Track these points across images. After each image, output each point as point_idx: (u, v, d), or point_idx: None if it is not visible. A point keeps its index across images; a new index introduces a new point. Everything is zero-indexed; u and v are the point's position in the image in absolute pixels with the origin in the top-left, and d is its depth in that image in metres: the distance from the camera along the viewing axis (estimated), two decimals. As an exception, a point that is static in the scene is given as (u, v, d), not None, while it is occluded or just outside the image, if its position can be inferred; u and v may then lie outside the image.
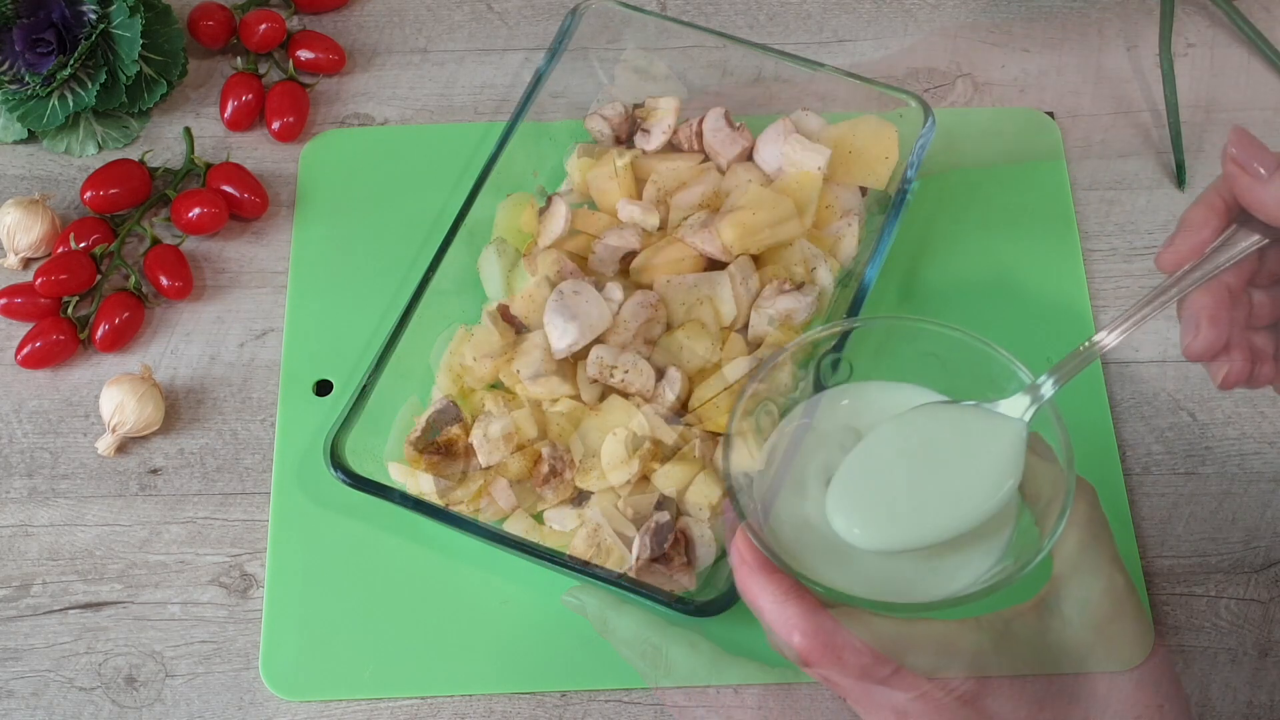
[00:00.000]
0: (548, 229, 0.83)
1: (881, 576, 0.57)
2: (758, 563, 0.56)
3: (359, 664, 0.74)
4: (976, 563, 0.57)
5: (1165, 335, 0.83)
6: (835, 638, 0.53)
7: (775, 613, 0.55)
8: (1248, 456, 0.80)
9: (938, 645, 0.53)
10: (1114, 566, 0.57)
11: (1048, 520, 0.56)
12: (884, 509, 0.58)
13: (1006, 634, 0.54)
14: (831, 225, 0.82)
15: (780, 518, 0.59)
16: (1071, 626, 0.55)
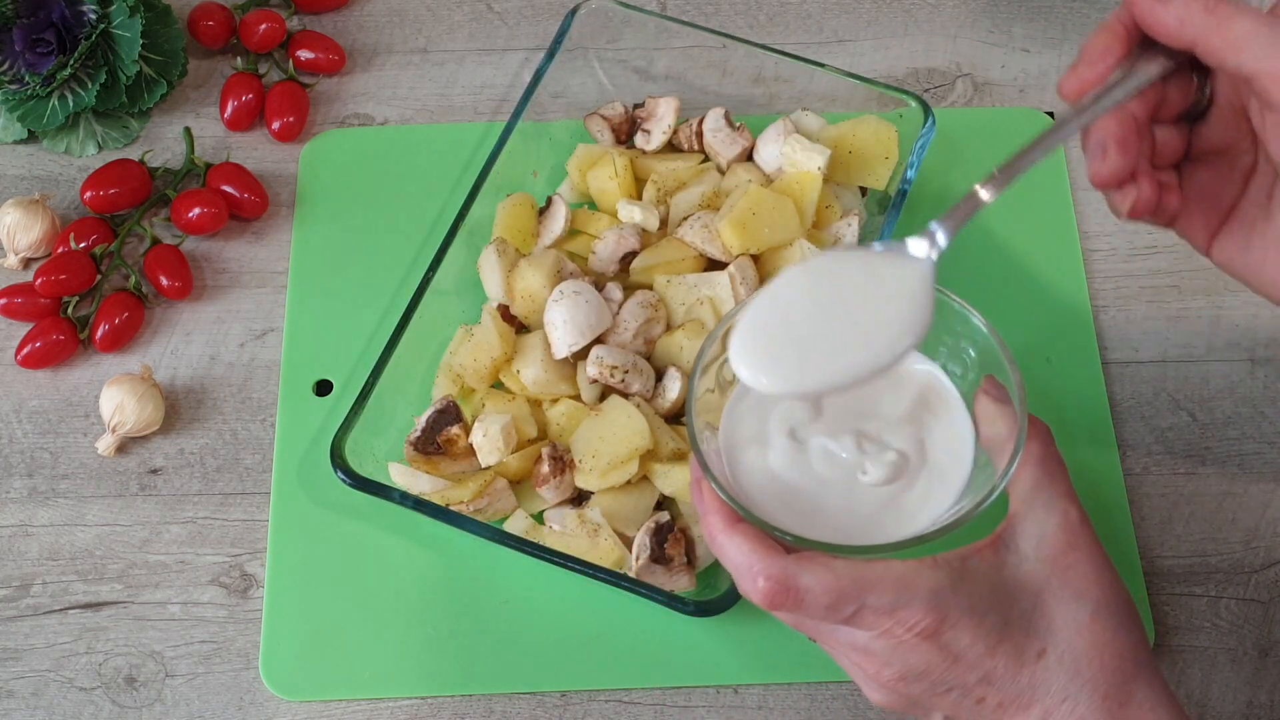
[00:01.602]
0: (548, 229, 0.83)
1: (843, 522, 0.58)
2: (723, 513, 0.57)
3: (359, 664, 0.74)
4: (934, 504, 0.58)
5: (1165, 335, 0.83)
6: (797, 580, 0.54)
7: (740, 560, 0.56)
8: (1248, 456, 0.80)
9: (896, 584, 0.54)
10: (1068, 501, 0.58)
11: (1002, 460, 0.57)
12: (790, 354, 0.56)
13: (964, 571, 0.55)
14: (831, 225, 0.82)
15: (745, 469, 0.60)
16: (1028, 561, 0.56)
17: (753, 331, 0.57)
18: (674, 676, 0.74)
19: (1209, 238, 0.60)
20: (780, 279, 0.58)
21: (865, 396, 0.61)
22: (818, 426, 0.60)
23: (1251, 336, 0.83)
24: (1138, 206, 0.57)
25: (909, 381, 0.61)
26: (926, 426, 0.60)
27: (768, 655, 0.74)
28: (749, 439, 0.60)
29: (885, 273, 0.58)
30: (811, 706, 0.73)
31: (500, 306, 0.80)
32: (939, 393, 0.61)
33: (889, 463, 0.59)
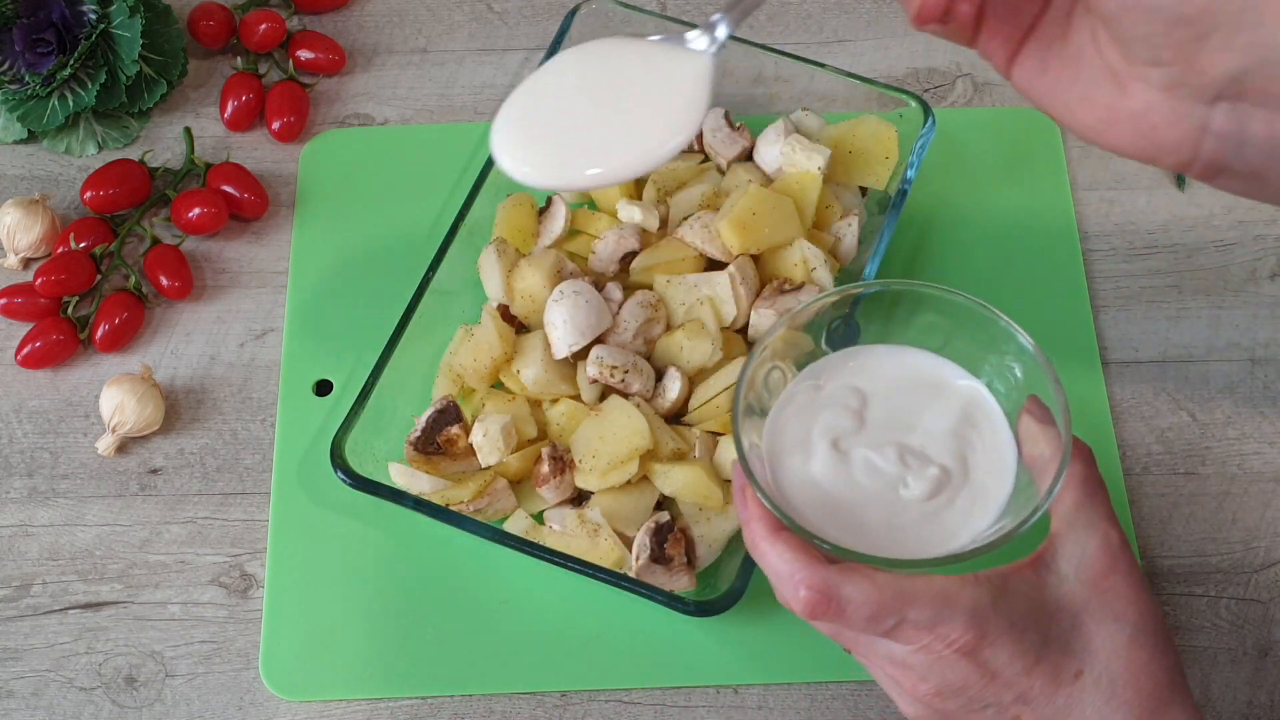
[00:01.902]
0: (548, 229, 0.83)
1: (884, 535, 0.58)
2: (766, 521, 0.57)
3: (359, 664, 0.74)
4: (975, 521, 0.58)
5: (1165, 336, 0.83)
6: (839, 591, 0.54)
7: (782, 568, 0.56)
8: (1248, 456, 0.80)
9: (938, 599, 0.54)
10: (1109, 523, 0.58)
11: (1044, 479, 0.57)
12: (554, 143, 0.53)
13: (1005, 589, 0.55)
14: (831, 225, 0.82)
15: (787, 477, 0.60)
16: (1067, 582, 0.56)
17: (517, 118, 0.53)
18: (674, 676, 0.74)
19: (1009, 58, 0.56)
20: (551, 64, 0.54)
21: (909, 409, 0.61)
22: (861, 437, 0.60)
23: (1251, 336, 0.83)
24: (924, 11, 0.53)
25: (953, 396, 0.61)
26: (969, 443, 0.60)
27: (768, 655, 0.74)
28: (792, 446, 0.60)
29: (662, 65, 0.55)
30: (811, 706, 0.73)
31: (500, 306, 0.80)
32: (983, 409, 0.61)
33: (931, 478, 0.58)
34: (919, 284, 0.62)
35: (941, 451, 0.60)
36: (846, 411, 0.61)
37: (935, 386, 0.62)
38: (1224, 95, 0.50)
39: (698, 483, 0.73)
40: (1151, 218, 0.88)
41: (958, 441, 0.60)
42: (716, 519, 0.74)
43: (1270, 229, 0.87)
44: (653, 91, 0.54)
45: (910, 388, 0.62)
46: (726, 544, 0.74)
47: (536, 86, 0.54)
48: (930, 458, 0.59)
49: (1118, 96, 0.52)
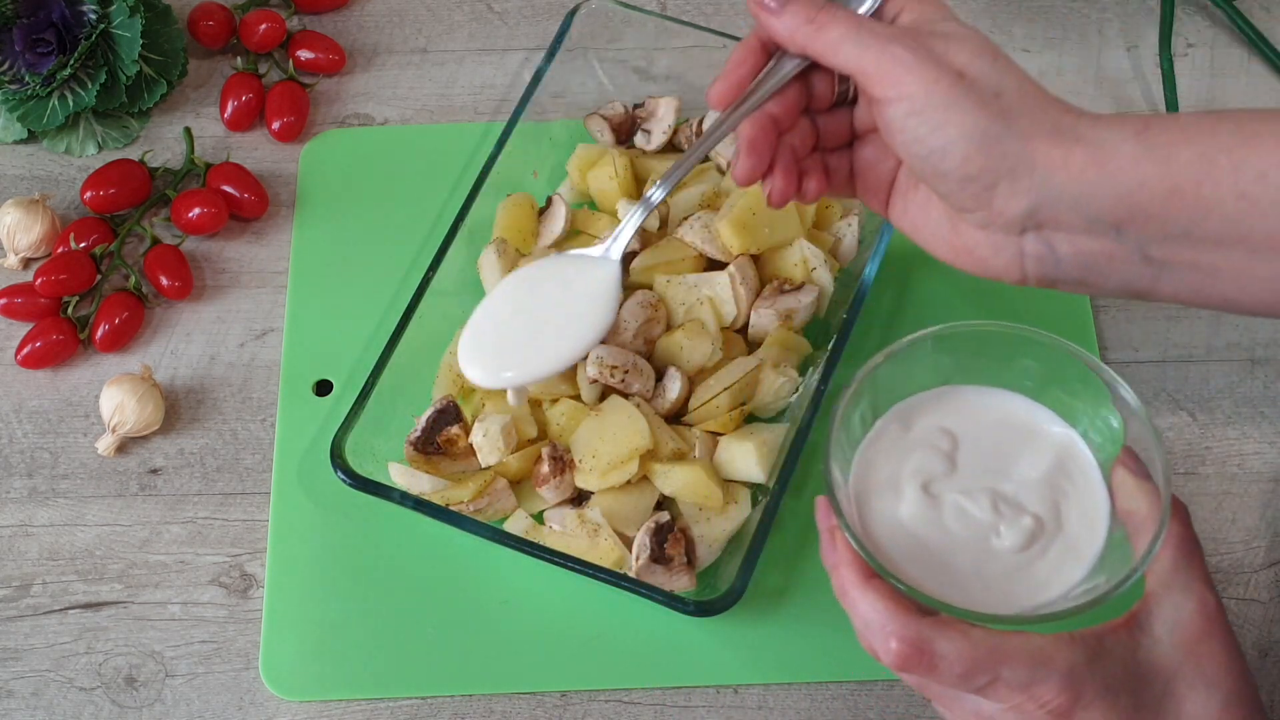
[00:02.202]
0: (548, 229, 0.83)
1: (972, 584, 0.57)
2: (857, 566, 0.57)
3: (359, 664, 0.74)
4: (1066, 575, 0.57)
5: (1165, 335, 0.83)
6: (932, 646, 0.54)
7: (874, 618, 0.55)
8: (1248, 456, 0.80)
9: (1033, 659, 0.54)
10: (1205, 586, 0.57)
11: (1141, 537, 0.56)
12: (505, 353, 0.68)
13: (1100, 651, 0.55)
14: (831, 225, 0.82)
15: (875, 519, 0.59)
16: (1161, 645, 0.56)
17: (475, 338, 0.68)
18: (674, 676, 0.74)
19: (883, 204, 0.66)
20: (496, 290, 0.69)
21: (1002, 454, 0.60)
22: (952, 482, 0.59)
23: (1251, 336, 0.83)
24: (773, 197, 0.64)
25: (1047, 443, 0.61)
26: (1063, 492, 0.59)
27: (768, 655, 0.74)
28: (880, 487, 0.60)
29: (579, 276, 0.69)
30: (811, 706, 0.73)
31: (500, 306, 0.80)
32: (1076, 458, 0.60)
33: (1025, 528, 0.58)
34: (1019, 327, 0.61)
35: (1035, 500, 0.59)
36: (937, 453, 0.60)
37: (1028, 432, 0.61)
38: (1026, 227, 0.59)
39: (698, 483, 0.73)
40: (1151, 218, 0.87)
41: (1051, 490, 0.59)
42: (716, 519, 0.74)
43: (1270, 229, 0.87)
44: (573, 299, 0.68)
45: (1003, 431, 0.61)
46: (726, 544, 0.74)
47: (485, 311, 0.69)
48: (1024, 506, 0.58)
49: (954, 235, 0.62)
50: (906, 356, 0.61)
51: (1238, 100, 0.92)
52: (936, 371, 0.62)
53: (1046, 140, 0.57)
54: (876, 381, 0.61)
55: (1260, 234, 0.55)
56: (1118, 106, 0.91)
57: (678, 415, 0.77)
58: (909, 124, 0.58)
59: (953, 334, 0.61)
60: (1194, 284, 0.58)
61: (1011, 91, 0.58)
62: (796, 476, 0.75)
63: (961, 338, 0.62)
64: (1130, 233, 0.57)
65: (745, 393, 0.76)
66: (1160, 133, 0.56)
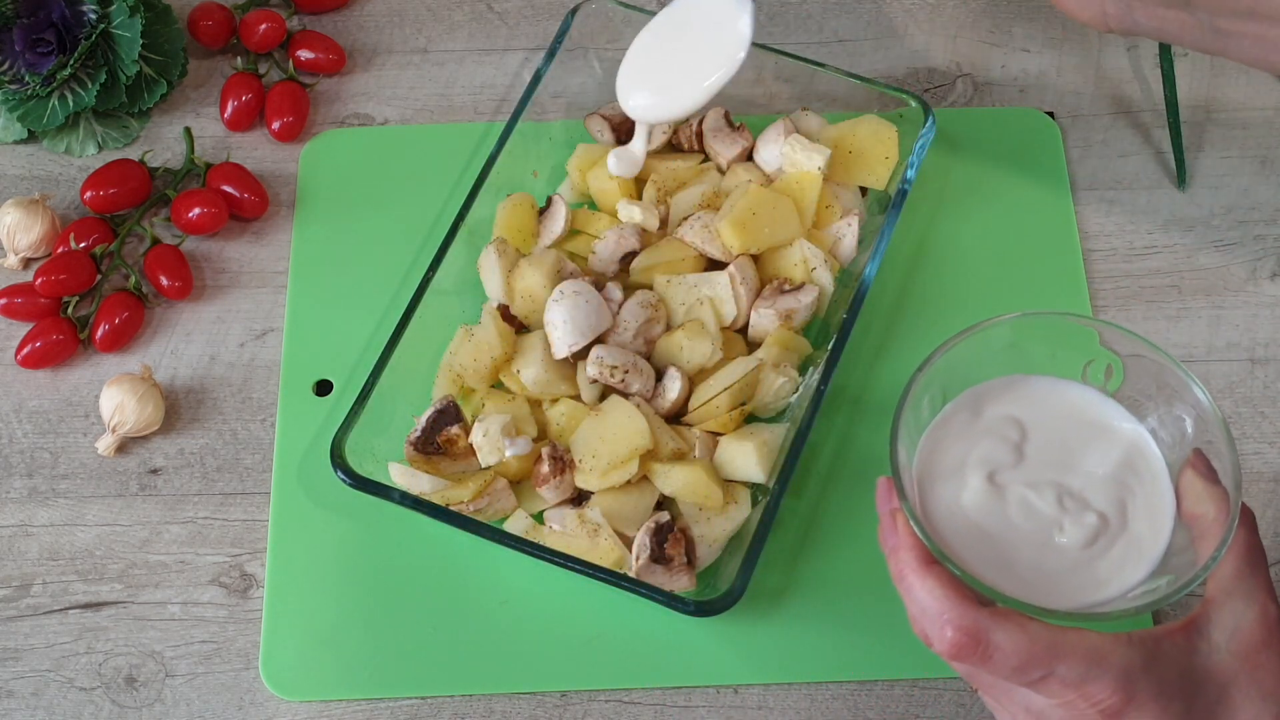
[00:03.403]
0: (548, 229, 0.83)
1: (1032, 577, 0.57)
2: (917, 551, 0.56)
3: (359, 664, 0.74)
4: (1127, 574, 0.57)
5: (1165, 336, 0.83)
6: (989, 636, 0.53)
7: (931, 604, 0.55)
8: (1248, 456, 0.80)
9: (1089, 656, 0.53)
10: (1268, 595, 0.56)
11: (1205, 541, 0.56)
12: (657, 83, 0.77)
13: (1156, 652, 0.54)
14: (831, 225, 0.82)
15: (937, 505, 0.59)
16: (1219, 652, 0.55)
17: (633, 70, 0.77)
18: (674, 676, 0.74)
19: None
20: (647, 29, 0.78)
21: (1070, 448, 0.60)
22: (1019, 473, 0.59)
23: (1251, 336, 0.83)
24: None
25: (1115, 439, 0.60)
26: (1130, 490, 0.59)
27: (768, 655, 0.74)
28: (945, 473, 0.59)
29: (715, 13, 0.76)
30: (811, 706, 0.73)
31: (500, 306, 0.80)
32: (1145, 457, 0.60)
33: (1089, 525, 0.57)
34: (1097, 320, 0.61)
35: (1101, 497, 0.58)
36: (1005, 443, 0.60)
37: (1097, 427, 0.60)
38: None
39: (698, 483, 0.73)
40: (1151, 218, 0.88)
41: (1117, 488, 0.59)
42: (716, 519, 0.74)
43: (1270, 229, 0.87)
44: (707, 37, 0.77)
45: (1072, 425, 0.61)
46: (726, 544, 0.74)
47: (639, 47, 0.78)
48: (1089, 502, 0.58)
49: None
50: (982, 341, 0.61)
51: (1237, 102, 0.92)
52: (1010, 359, 0.61)
53: None
54: (950, 364, 0.60)
55: None
56: (1117, 107, 0.91)
57: (678, 415, 0.77)
58: None
59: (1030, 321, 0.61)
60: (1259, 52, 0.62)
61: None
62: (796, 476, 0.75)
63: (1039, 326, 0.61)
64: (1200, 6, 0.61)
65: (745, 393, 0.76)
66: None
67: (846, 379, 0.81)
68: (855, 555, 0.76)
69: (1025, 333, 0.61)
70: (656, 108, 0.79)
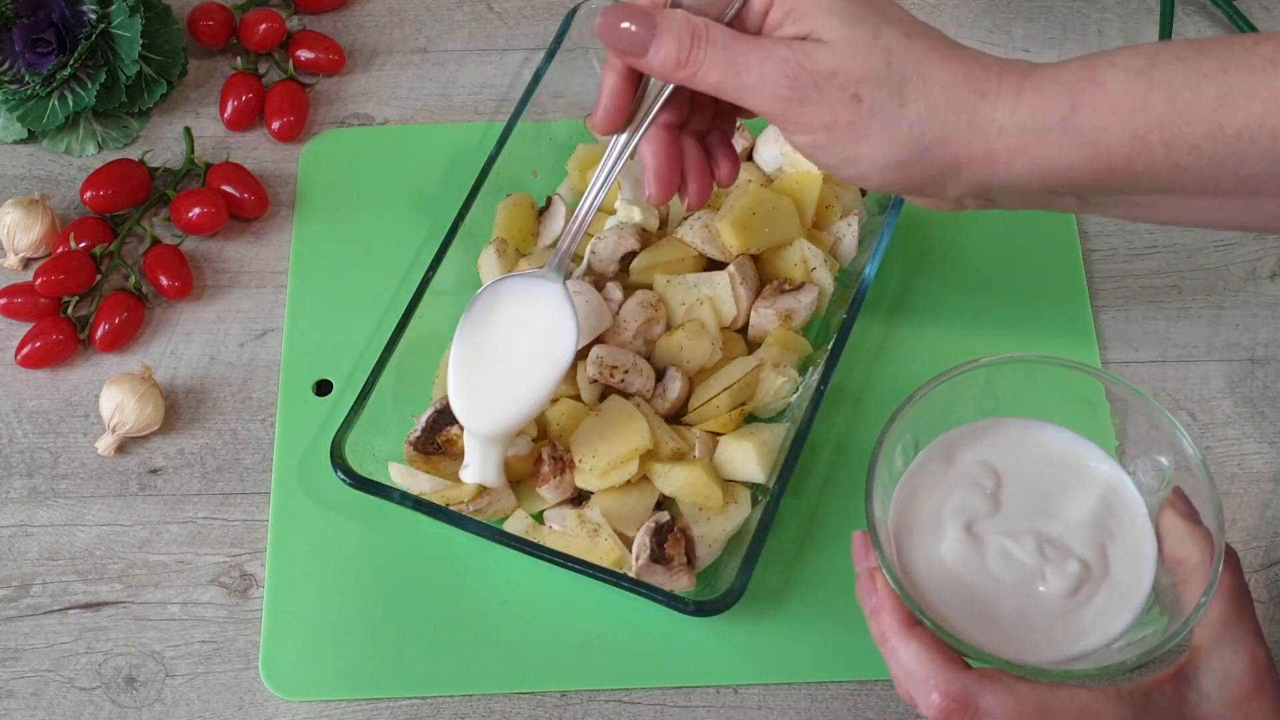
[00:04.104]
0: (548, 229, 0.83)
1: (1015, 630, 0.56)
2: (899, 614, 0.55)
3: (359, 664, 0.74)
4: (1111, 621, 0.57)
5: (1165, 335, 0.83)
6: (977, 700, 0.53)
7: (916, 669, 0.54)
8: (1248, 457, 0.80)
9: (1080, 715, 0.53)
10: (1256, 640, 0.56)
11: (1189, 586, 0.55)
12: (491, 395, 0.66)
13: (1146, 706, 0.54)
14: (831, 225, 0.82)
15: (914, 559, 0.58)
16: (1209, 701, 0.55)
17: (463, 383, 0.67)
18: (674, 676, 0.74)
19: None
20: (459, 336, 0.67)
21: (1047, 493, 0.59)
22: (996, 522, 0.58)
23: (1251, 336, 0.83)
24: (693, 204, 0.65)
25: (1092, 481, 0.59)
26: (1110, 534, 0.58)
27: (768, 655, 0.74)
28: (921, 526, 0.58)
29: (536, 303, 0.67)
30: (811, 706, 0.73)
31: (500, 306, 0.80)
32: (1123, 498, 0.59)
33: (1071, 574, 0.57)
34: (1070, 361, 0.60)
35: (1081, 543, 0.57)
36: (980, 492, 0.59)
37: (1073, 469, 0.59)
38: (963, 203, 0.61)
39: (698, 483, 0.73)
40: (1151, 218, 0.87)
41: (1098, 532, 0.58)
42: (716, 519, 0.74)
43: (1270, 229, 0.87)
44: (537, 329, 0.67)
45: (1047, 469, 0.60)
46: (726, 544, 0.74)
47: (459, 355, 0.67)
48: (1070, 550, 0.57)
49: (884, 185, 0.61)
50: (953, 388, 0.59)
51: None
52: (983, 403, 0.60)
53: (965, 144, 0.56)
54: (921, 412, 0.59)
55: (1194, 188, 0.56)
56: (1118, 106, 0.91)
57: (678, 415, 0.77)
58: (817, 156, 0.58)
59: (1003, 366, 0.60)
60: (1132, 214, 0.60)
61: (914, 89, 0.56)
62: (796, 476, 0.75)
63: (1011, 370, 0.60)
64: (1065, 193, 0.59)
65: (745, 393, 0.76)
66: (1088, 114, 0.55)
67: (846, 379, 0.81)
68: (855, 555, 0.76)
69: (998, 376, 0.60)
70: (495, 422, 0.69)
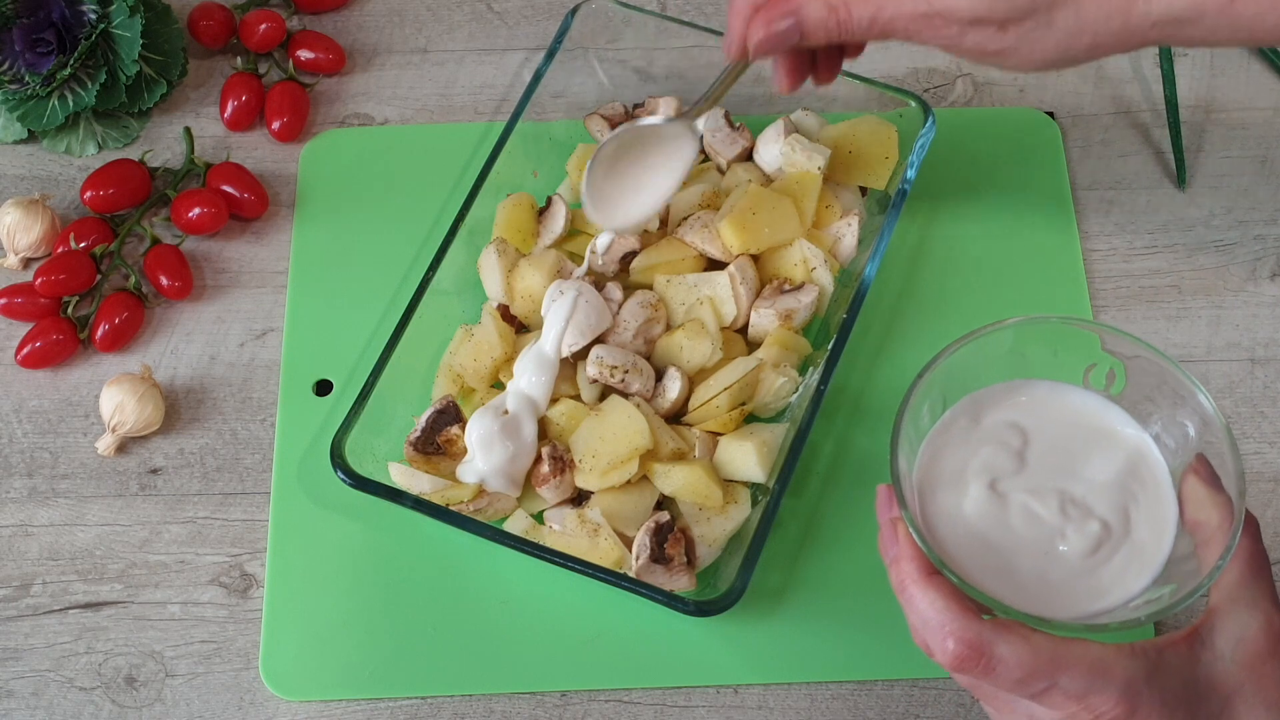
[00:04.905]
0: (548, 229, 0.83)
1: (1034, 586, 0.57)
2: (919, 562, 0.56)
3: (359, 664, 0.74)
4: (1130, 582, 0.57)
5: (1165, 336, 0.83)
6: (992, 649, 0.53)
7: (932, 616, 0.54)
8: (1248, 457, 0.80)
9: (1093, 669, 0.53)
10: (1271, 604, 0.56)
11: (1208, 549, 0.55)
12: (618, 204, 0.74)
13: (1160, 664, 0.54)
14: (831, 225, 0.82)
15: (937, 513, 0.58)
16: (1222, 661, 0.55)
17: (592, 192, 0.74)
18: (674, 676, 0.74)
19: None
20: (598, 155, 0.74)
21: (1072, 454, 0.59)
22: (1021, 480, 0.58)
23: (1251, 336, 0.83)
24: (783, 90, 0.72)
25: (1118, 445, 0.60)
26: (1133, 497, 0.58)
27: (768, 655, 0.74)
28: (946, 481, 0.59)
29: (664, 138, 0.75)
30: (811, 706, 0.73)
31: (500, 306, 0.80)
32: (1148, 463, 0.59)
33: (1092, 534, 0.57)
34: (1099, 325, 0.60)
35: (1103, 504, 0.58)
36: (1006, 450, 0.59)
37: (1100, 432, 0.60)
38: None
39: (698, 483, 0.73)
40: (1151, 218, 0.88)
41: (1120, 494, 0.58)
42: (716, 519, 0.74)
43: (1270, 229, 0.87)
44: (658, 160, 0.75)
45: (1074, 431, 0.60)
46: (726, 544, 0.74)
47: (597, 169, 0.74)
48: (1092, 510, 0.58)
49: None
50: (982, 347, 0.60)
51: (1237, 102, 0.92)
52: (1011, 364, 0.61)
53: None
54: (950, 370, 0.59)
55: None
56: (1117, 107, 0.91)
57: (678, 415, 0.77)
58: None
59: (1030, 326, 0.60)
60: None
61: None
62: (796, 476, 0.75)
63: (1040, 331, 0.60)
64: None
65: (745, 393, 0.76)
66: None
67: (846, 379, 0.81)
68: (855, 555, 0.76)
69: (1026, 338, 0.60)
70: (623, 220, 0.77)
